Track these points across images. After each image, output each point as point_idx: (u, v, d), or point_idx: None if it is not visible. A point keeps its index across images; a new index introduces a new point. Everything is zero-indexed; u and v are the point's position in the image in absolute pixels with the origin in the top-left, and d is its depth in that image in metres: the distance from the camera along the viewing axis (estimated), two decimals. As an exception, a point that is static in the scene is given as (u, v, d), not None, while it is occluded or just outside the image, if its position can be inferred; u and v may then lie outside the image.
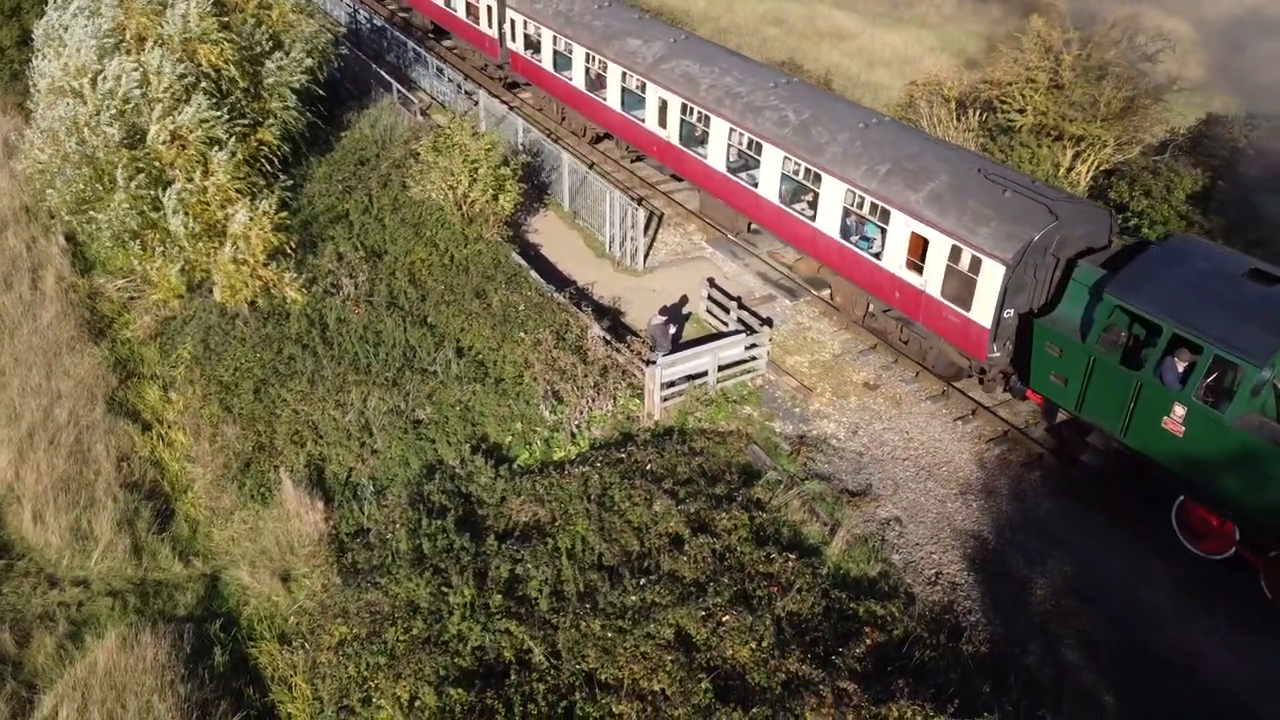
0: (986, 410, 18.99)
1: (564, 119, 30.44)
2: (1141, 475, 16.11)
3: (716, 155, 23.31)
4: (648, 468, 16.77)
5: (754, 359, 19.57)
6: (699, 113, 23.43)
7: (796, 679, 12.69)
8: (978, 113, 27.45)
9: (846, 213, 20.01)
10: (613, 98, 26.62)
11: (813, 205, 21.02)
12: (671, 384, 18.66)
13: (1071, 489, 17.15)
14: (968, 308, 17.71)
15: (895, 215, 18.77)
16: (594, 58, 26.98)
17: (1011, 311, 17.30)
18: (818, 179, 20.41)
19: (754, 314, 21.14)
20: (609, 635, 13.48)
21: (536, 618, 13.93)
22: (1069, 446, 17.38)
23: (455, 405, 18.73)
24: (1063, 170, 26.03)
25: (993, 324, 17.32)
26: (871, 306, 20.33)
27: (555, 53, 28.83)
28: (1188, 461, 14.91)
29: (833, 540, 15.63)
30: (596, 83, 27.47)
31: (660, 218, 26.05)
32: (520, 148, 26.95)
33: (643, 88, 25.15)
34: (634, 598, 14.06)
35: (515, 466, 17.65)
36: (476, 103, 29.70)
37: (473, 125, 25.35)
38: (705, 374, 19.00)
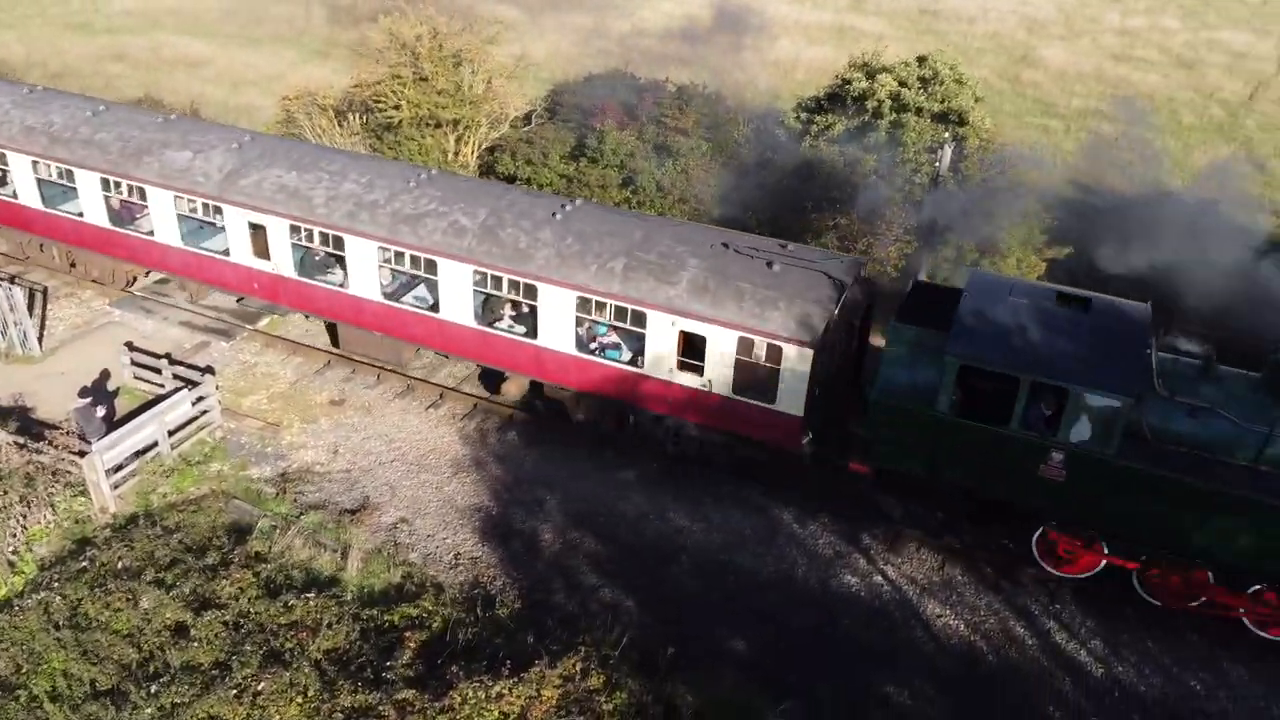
0: (452, 390, 19.74)
1: (75, 264, 23.21)
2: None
3: (364, 282, 18.83)
4: (120, 565, 14.76)
5: (205, 412, 18.07)
6: (324, 234, 18.71)
7: (354, 711, 12.26)
8: (358, 116, 27.89)
9: (580, 322, 17.17)
10: (164, 231, 20.59)
11: (526, 320, 18.03)
12: (119, 467, 16.52)
13: (543, 434, 18.62)
14: (771, 400, 16.09)
15: (654, 316, 16.35)
16: (118, 184, 20.65)
17: (818, 390, 16.05)
18: (531, 290, 17.21)
19: (191, 366, 19.50)
20: (132, 762, 11.77)
21: (33, 784, 11.67)
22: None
23: None
24: (450, 155, 27.61)
25: (805, 411, 15.95)
26: (634, 418, 17.95)
27: (41, 183, 21.78)
28: (1068, 500, 14.52)
29: (347, 563, 15.21)
30: (127, 215, 21.42)
31: (45, 292, 22.69)
32: None
33: (217, 212, 19.69)
34: (149, 710, 12.41)
35: (-55, 627, 14.40)
36: None
37: None
38: (156, 444, 17.13)
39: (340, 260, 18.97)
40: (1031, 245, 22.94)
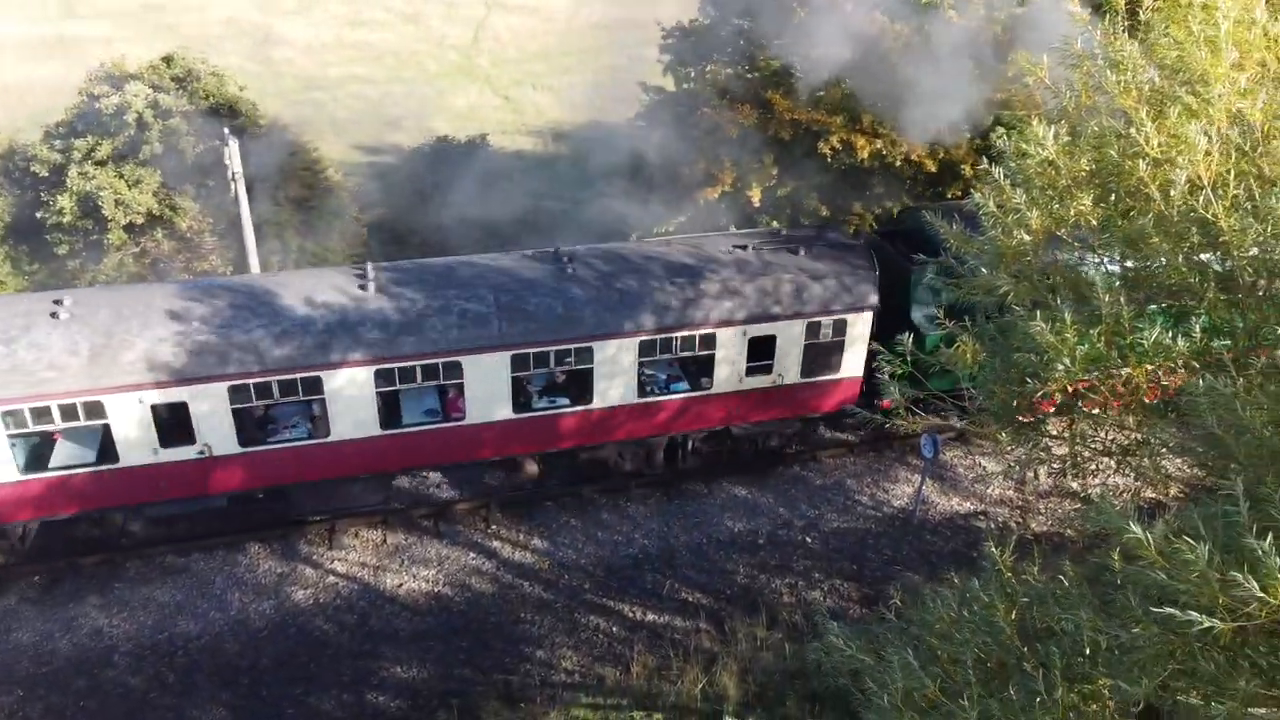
0: None
1: None
2: None
3: (353, 418, 15.07)
4: None
5: None
6: (287, 382, 14.44)
7: None
8: None
9: (643, 367, 16.44)
10: None
11: (568, 388, 16.47)
12: None
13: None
14: (837, 370, 17.36)
15: (725, 334, 16.28)
16: None
17: None
18: (585, 353, 15.66)
19: None
20: None
21: None
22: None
23: None
24: None
25: (864, 369, 17.27)
26: (693, 443, 17.71)
27: None
28: None
29: None
30: None
31: None
32: None
33: (91, 412, 13.93)
34: None
35: None
36: None
37: None
38: None
39: (304, 406, 15.45)
40: (347, 213, 23.60)
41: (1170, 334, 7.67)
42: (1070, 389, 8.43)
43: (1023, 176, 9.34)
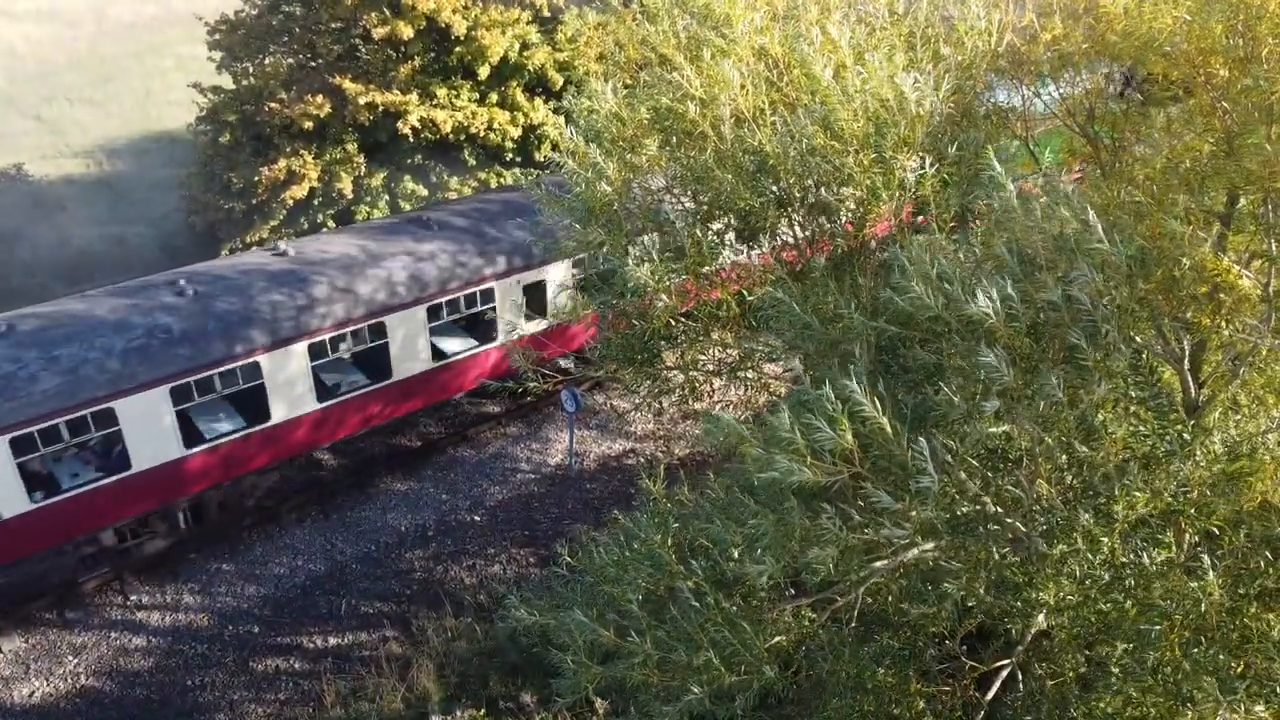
0: None
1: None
2: None
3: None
4: None
5: None
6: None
7: None
8: None
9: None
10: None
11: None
12: None
13: None
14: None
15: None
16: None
17: None
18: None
19: None
20: None
21: None
22: None
23: None
24: None
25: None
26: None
27: None
28: None
29: None
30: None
31: None
32: None
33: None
34: None
35: None
36: None
37: None
38: None
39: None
40: None
41: (746, 254, 8.47)
42: (673, 321, 9.07)
43: (594, 132, 9.78)
